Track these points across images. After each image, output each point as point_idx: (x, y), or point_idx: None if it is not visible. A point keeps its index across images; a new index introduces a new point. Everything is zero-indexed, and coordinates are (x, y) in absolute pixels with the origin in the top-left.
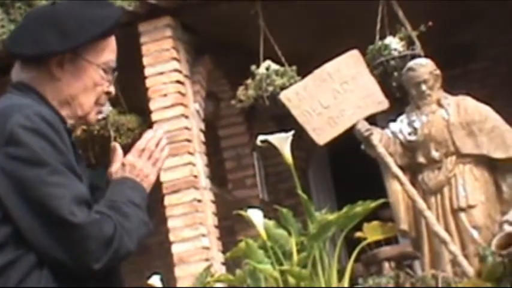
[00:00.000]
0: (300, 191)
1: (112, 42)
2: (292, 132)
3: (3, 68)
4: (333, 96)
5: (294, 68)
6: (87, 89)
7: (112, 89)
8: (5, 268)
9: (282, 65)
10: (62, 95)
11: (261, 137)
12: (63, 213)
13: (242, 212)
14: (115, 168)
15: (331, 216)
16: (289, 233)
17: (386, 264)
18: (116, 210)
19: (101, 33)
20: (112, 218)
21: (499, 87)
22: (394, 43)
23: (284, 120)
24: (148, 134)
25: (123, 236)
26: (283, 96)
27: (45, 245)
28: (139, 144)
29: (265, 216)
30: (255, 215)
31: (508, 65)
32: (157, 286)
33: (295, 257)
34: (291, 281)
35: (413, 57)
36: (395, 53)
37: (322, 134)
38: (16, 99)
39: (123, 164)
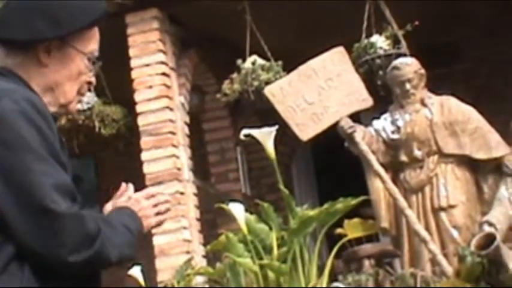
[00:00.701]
0: (281, 186)
1: (96, 32)
2: (275, 127)
3: None
4: (318, 93)
5: (280, 63)
6: (71, 77)
7: (93, 80)
8: None
9: (268, 60)
10: (47, 82)
11: (244, 131)
12: (46, 201)
13: (224, 206)
14: (120, 201)
15: (312, 212)
16: (270, 228)
17: (366, 262)
18: (106, 223)
19: (90, 23)
20: (99, 223)
21: (482, 89)
22: (380, 42)
23: (269, 115)
24: (160, 191)
25: (106, 244)
26: (268, 91)
27: (24, 232)
28: (151, 190)
29: (246, 210)
30: (237, 209)
31: (491, 66)
32: (138, 277)
33: (275, 251)
34: (271, 275)
35: (398, 56)
36: (381, 52)
37: (306, 129)
38: (3, 82)
39: (129, 198)
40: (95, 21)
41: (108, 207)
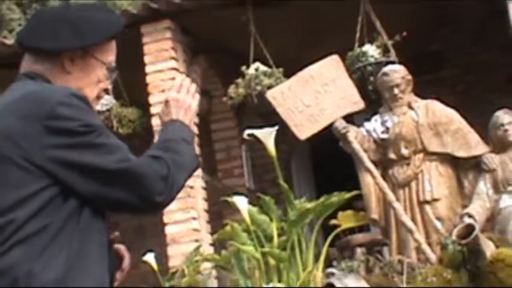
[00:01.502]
0: (281, 181)
1: (114, 44)
2: (276, 127)
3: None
4: (314, 96)
5: (281, 69)
6: (91, 84)
7: (110, 87)
8: (35, 233)
9: (270, 66)
10: (70, 87)
11: (247, 131)
12: (120, 164)
13: (229, 199)
14: (161, 109)
15: (309, 205)
16: (271, 219)
17: (358, 250)
18: (170, 150)
19: (110, 36)
20: (164, 158)
21: (466, 94)
22: (371, 50)
23: (270, 116)
24: (182, 79)
25: (176, 174)
26: (269, 94)
27: (111, 198)
28: (176, 82)
29: (250, 203)
30: (241, 202)
31: (475, 73)
32: (152, 263)
33: (275, 240)
34: (271, 261)
35: (388, 63)
36: (372, 60)
37: (303, 129)
38: (34, 84)
39: (166, 101)
40: (114, 34)
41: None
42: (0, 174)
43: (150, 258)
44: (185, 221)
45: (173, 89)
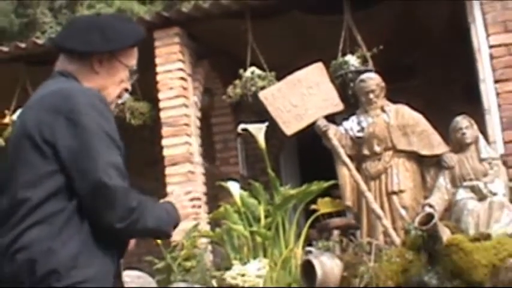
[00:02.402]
0: (269, 170)
1: (136, 51)
2: (266, 124)
3: (50, 59)
4: (301, 98)
5: (273, 73)
6: (115, 83)
7: (130, 87)
8: (53, 214)
9: (264, 70)
10: (96, 85)
11: (241, 126)
12: (100, 174)
13: (223, 184)
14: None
15: (292, 191)
16: (259, 202)
17: (335, 232)
18: (150, 202)
19: (134, 43)
20: (141, 199)
21: (431, 101)
22: (352, 60)
23: (263, 114)
24: (194, 190)
25: (144, 215)
26: (262, 95)
27: (86, 198)
28: (189, 188)
29: (242, 188)
30: (233, 186)
31: (439, 84)
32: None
33: (262, 221)
34: (258, 239)
35: (366, 72)
36: (353, 68)
37: (290, 126)
38: (66, 82)
39: (172, 192)
40: (137, 41)
41: None
42: (23, 155)
43: (145, 238)
44: None
45: (181, 190)
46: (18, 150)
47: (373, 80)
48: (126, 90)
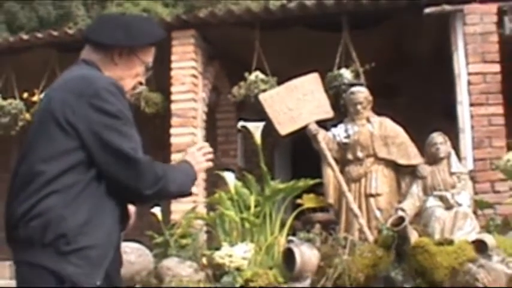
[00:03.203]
0: (262, 165)
1: (153, 49)
2: (263, 123)
3: (78, 48)
4: (296, 102)
5: (275, 79)
6: (131, 76)
7: (144, 81)
8: (68, 186)
9: (267, 75)
10: (115, 76)
11: (241, 123)
12: (129, 151)
13: (220, 173)
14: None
15: (280, 186)
16: (251, 193)
17: (317, 225)
18: (172, 168)
19: (153, 42)
20: (164, 168)
21: (412, 117)
22: (346, 74)
23: (263, 114)
24: (206, 144)
25: (169, 182)
26: (261, 97)
27: (114, 172)
28: (200, 145)
29: (238, 178)
30: (229, 176)
31: (422, 102)
32: (158, 214)
33: (252, 209)
34: (247, 225)
35: (357, 85)
36: (346, 81)
37: (284, 127)
38: (89, 69)
39: (186, 151)
40: (156, 41)
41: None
42: (45, 130)
43: (156, 210)
44: None
45: (195, 146)
46: (42, 125)
47: (362, 93)
48: (141, 83)
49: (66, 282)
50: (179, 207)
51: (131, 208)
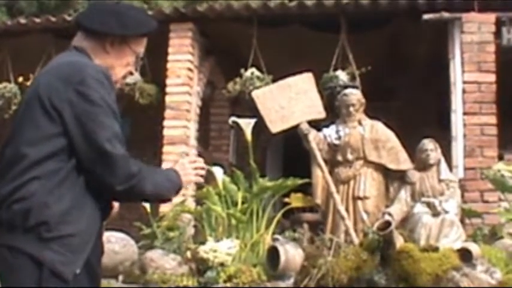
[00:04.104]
0: (251, 162)
1: (145, 40)
2: (254, 119)
3: (75, 35)
4: (288, 101)
5: (271, 76)
6: (121, 65)
7: (134, 71)
8: (51, 172)
9: (263, 72)
10: (105, 64)
11: (232, 118)
12: (105, 143)
13: (209, 167)
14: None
15: (268, 183)
16: (239, 189)
17: (305, 225)
18: (150, 169)
19: (145, 32)
20: (141, 166)
21: (406, 123)
22: (342, 76)
23: (257, 111)
24: (200, 159)
25: (143, 181)
26: (254, 94)
27: (89, 162)
28: (194, 158)
29: (226, 173)
30: (217, 171)
31: (417, 108)
32: (146, 206)
33: (239, 206)
34: (233, 221)
35: (352, 87)
36: (341, 83)
37: (276, 125)
38: (79, 56)
39: (176, 161)
40: (148, 32)
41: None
42: (31, 114)
43: (146, 202)
44: None
45: (188, 158)
46: (28, 109)
47: (354, 95)
48: (131, 73)
49: (45, 268)
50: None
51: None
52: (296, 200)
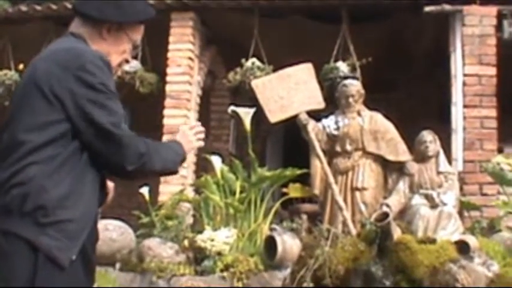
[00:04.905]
0: (250, 151)
1: (143, 28)
2: (254, 109)
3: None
4: (288, 91)
5: (271, 67)
6: (118, 52)
7: (130, 59)
8: (50, 157)
9: (263, 63)
10: (101, 50)
11: (232, 107)
12: (112, 127)
13: (208, 156)
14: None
15: (267, 173)
16: (237, 178)
17: (304, 216)
18: (158, 145)
19: (142, 20)
20: (149, 144)
21: (406, 115)
22: (343, 67)
23: (256, 100)
24: (198, 124)
25: (152, 158)
26: (254, 83)
27: (97, 147)
28: (193, 124)
29: (227, 164)
30: (216, 161)
31: (418, 100)
32: (145, 195)
33: (237, 195)
34: (231, 211)
35: (353, 79)
36: (342, 74)
37: (275, 115)
38: (76, 42)
39: (178, 130)
40: (145, 20)
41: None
42: (29, 100)
43: (145, 191)
44: None
45: (187, 126)
46: (26, 95)
47: (354, 86)
48: (127, 61)
49: (41, 254)
50: (167, 189)
51: (110, 184)
52: (294, 190)
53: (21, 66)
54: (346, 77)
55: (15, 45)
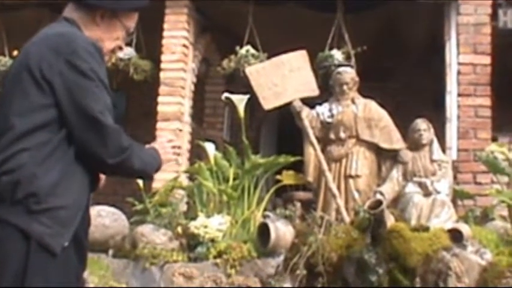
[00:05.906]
0: (244, 138)
1: (136, 15)
2: (247, 96)
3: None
4: (282, 78)
5: (266, 54)
6: (111, 39)
7: (123, 46)
8: (41, 143)
9: (258, 50)
10: (95, 36)
11: (225, 94)
12: (98, 114)
13: (201, 143)
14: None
15: (260, 160)
16: (230, 165)
17: (298, 204)
18: (138, 145)
19: (136, 8)
20: (130, 141)
21: (401, 104)
22: (338, 55)
23: (251, 87)
24: (174, 138)
25: (133, 156)
26: (248, 70)
27: (81, 134)
28: (171, 138)
29: (221, 151)
30: (209, 147)
31: (412, 89)
32: (139, 182)
33: (231, 182)
34: (224, 198)
35: (347, 67)
36: (336, 62)
37: (269, 102)
38: (69, 27)
39: (156, 140)
40: (139, 8)
41: None
42: (20, 84)
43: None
44: None
45: (165, 137)
46: (17, 79)
47: (348, 73)
48: (120, 48)
49: (33, 241)
50: (162, 176)
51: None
52: (288, 178)
53: (15, 53)
54: (340, 65)
55: (10, 31)
